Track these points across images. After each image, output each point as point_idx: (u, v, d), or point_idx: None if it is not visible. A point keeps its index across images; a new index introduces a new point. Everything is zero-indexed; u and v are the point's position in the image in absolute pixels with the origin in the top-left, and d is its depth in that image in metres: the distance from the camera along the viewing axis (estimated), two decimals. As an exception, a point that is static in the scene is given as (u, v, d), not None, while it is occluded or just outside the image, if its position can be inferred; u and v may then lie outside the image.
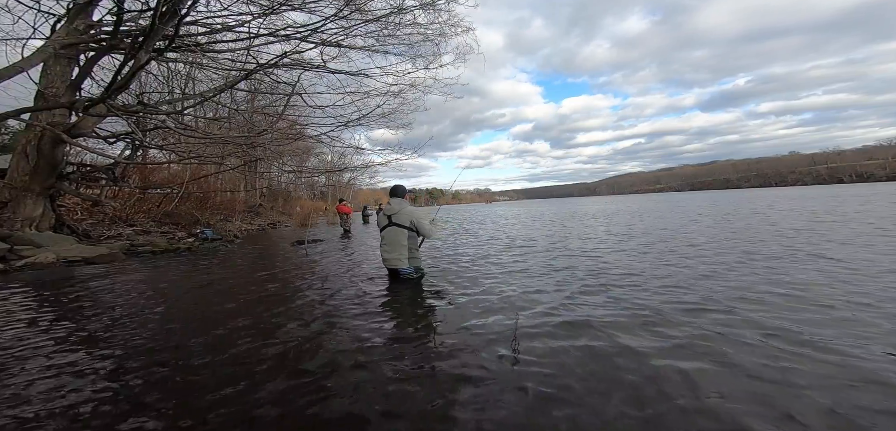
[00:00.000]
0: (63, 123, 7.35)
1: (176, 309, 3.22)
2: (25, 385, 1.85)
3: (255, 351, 2.18)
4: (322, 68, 9.04)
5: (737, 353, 1.91)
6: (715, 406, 1.47)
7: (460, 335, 2.33)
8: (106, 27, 7.55)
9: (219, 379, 1.84)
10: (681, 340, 2.11)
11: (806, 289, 3.03)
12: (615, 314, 2.62)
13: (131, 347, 2.33)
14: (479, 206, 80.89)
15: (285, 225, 18.96)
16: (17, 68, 5.74)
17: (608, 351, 2.01)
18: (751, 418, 1.39)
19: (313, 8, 7.70)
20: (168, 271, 5.40)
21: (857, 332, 2.12)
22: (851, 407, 1.43)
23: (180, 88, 12.59)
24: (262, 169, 23.79)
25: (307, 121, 12.25)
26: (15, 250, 6.10)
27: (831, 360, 1.81)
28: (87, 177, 9.07)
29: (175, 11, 5.20)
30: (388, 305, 3.10)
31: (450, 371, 1.85)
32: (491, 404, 1.55)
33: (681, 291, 3.15)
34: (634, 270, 4.10)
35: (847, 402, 1.47)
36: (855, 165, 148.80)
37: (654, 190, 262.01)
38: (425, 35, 9.21)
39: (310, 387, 1.73)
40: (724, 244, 5.68)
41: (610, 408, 1.49)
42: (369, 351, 2.14)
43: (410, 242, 3.84)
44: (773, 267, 3.93)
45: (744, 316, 2.47)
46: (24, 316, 3.11)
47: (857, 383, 1.61)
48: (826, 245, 5.08)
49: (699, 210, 15.08)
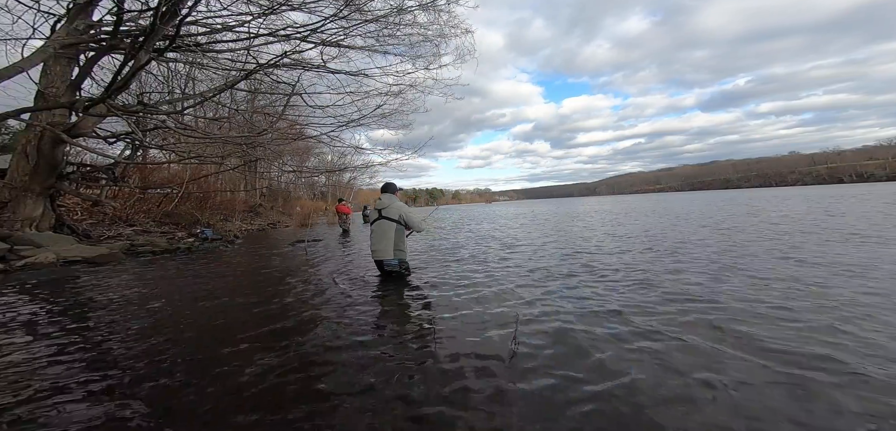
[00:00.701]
0: (63, 123, 7.35)
1: (176, 309, 3.22)
2: (26, 386, 1.85)
3: (255, 350, 2.19)
4: (322, 68, 9.04)
5: (737, 361, 1.92)
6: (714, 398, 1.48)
7: (460, 333, 2.33)
8: (106, 27, 7.54)
9: (219, 379, 1.84)
10: (681, 338, 2.12)
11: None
12: (615, 312, 2.63)
13: (131, 347, 2.33)
14: (478, 206, 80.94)
15: (285, 226, 18.96)
16: (17, 68, 5.73)
17: (609, 349, 2.01)
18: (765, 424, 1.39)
19: (313, 8, 7.70)
20: (168, 271, 5.40)
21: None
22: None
23: (180, 88, 12.61)
24: (262, 169, 23.80)
25: (307, 121, 12.26)
26: (15, 250, 6.10)
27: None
28: (87, 177, 9.07)
29: (175, 11, 5.20)
30: (387, 303, 3.11)
31: (450, 369, 1.85)
32: (491, 401, 1.55)
33: (681, 291, 3.16)
34: (635, 267, 4.10)
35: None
36: (855, 165, 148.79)
37: (653, 190, 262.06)
38: (425, 35, 9.21)
39: (311, 386, 1.74)
40: (724, 245, 5.68)
41: (610, 406, 1.49)
42: (370, 349, 2.14)
43: (397, 236, 4.04)
44: (797, 275, 3.94)
45: (741, 316, 2.48)
46: (25, 317, 3.11)
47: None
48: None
49: (693, 211, 15.09)
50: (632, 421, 1.40)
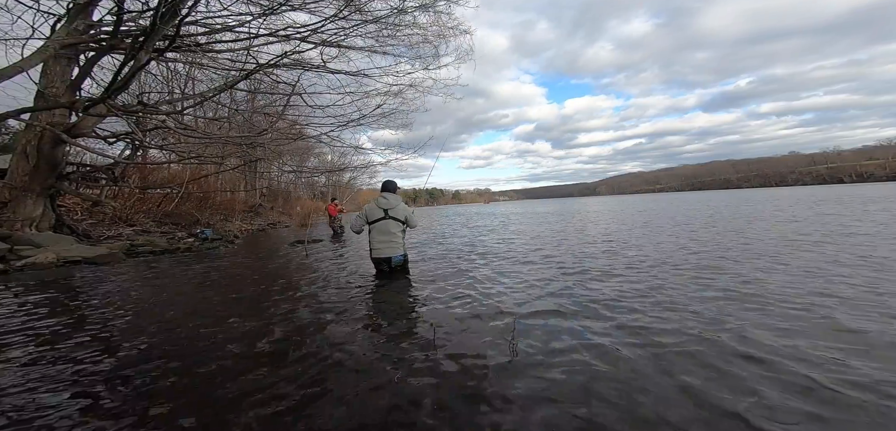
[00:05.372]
0: (63, 123, 7.35)
1: (175, 309, 3.22)
2: (26, 385, 1.85)
3: (254, 350, 2.19)
4: (322, 68, 9.04)
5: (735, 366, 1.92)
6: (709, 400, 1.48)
7: (460, 333, 2.33)
8: (106, 27, 7.54)
9: (218, 379, 1.84)
10: (681, 335, 2.12)
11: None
12: (616, 312, 2.62)
13: (131, 347, 2.34)
14: (477, 206, 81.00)
15: (285, 226, 18.97)
16: (17, 68, 5.74)
17: (609, 347, 2.01)
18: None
19: (313, 8, 7.70)
20: (168, 271, 5.40)
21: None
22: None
23: (180, 88, 12.61)
24: (262, 169, 23.83)
25: (307, 121, 12.26)
26: (15, 250, 6.10)
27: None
28: (87, 177, 9.08)
29: (175, 11, 5.20)
30: (387, 303, 3.11)
31: (451, 369, 1.85)
32: (492, 401, 1.55)
33: (680, 289, 3.16)
34: (635, 266, 4.11)
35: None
36: (855, 165, 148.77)
37: (654, 190, 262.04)
38: (425, 36, 9.21)
39: (310, 386, 1.74)
40: (722, 247, 5.69)
41: (611, 407, 1.49)
42: (370, 350, 2.14)
43: (402, 235, 4.28)
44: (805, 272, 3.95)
45: (745, 318, 2.48)
46: (24, 317, 3.12)
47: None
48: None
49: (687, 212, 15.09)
50: (633, 421, 1.40)
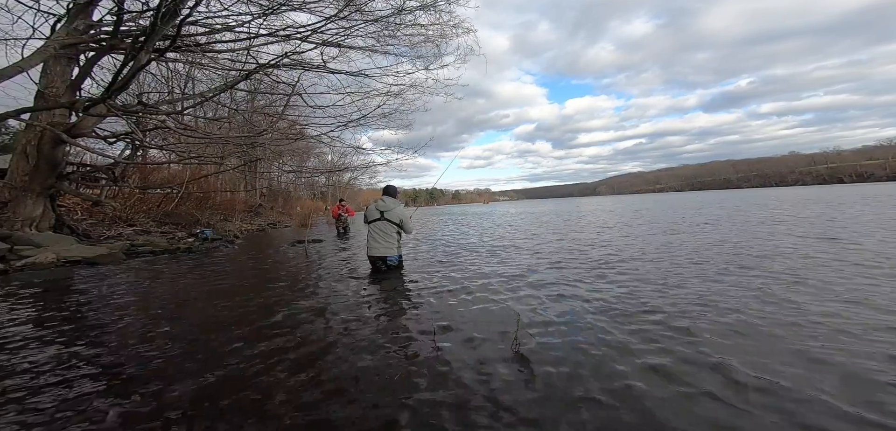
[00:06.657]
0: (63, 123, 7.34)
1: (175, 309, 3.22)
2: (26, 385, 1.85)
3: (254, 351, 2.18)
4: (322, 68, 9.03)
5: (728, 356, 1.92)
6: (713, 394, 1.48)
7: (461, 333, 2.33)
8: (106, 27, 7.53)
9: (217, 378, 1.84)
10: (683, 339, 2.12)
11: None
12: (618, 313, 2.62)
13: (131, 347, 2.33)
14: (477, 206, 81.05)
15: (285, 226, 18.97)
16: (17, 68, 5.74)
17: (611, 350, 2.01)
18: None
19: (313, 8, 7.69)
20: (168, 271, 5.39)
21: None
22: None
23: (180, 88, 12.61)
24: (262, 169, 23.81)
25: (307, 121, 12.25)
26: (15, 250, 6.10)
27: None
28: (87, 177, 9.07)
29: (175, 12, 5.19)
30: (387, 303, 3.10)
31: (452, 369, 1.85)
32: (493, 401, 1.55)
33: (680, 288, 3.16)
34: (635, 264, 4.10)
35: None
36: (855, 165, 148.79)
37: (654, 190, 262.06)
38: (426, 36, 9.19)
39: (310, 386, 1.73)
40: (720, 247, 5.69)
41: (612, 407, 1.49)
42: (370, 350, 2.14)
43: (397, 236, 4.43)
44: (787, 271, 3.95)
45: (748, 320, 2.48)
46: (24, 317, 3.11)
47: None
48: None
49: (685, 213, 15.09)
50: (634, 422, 1.40)
